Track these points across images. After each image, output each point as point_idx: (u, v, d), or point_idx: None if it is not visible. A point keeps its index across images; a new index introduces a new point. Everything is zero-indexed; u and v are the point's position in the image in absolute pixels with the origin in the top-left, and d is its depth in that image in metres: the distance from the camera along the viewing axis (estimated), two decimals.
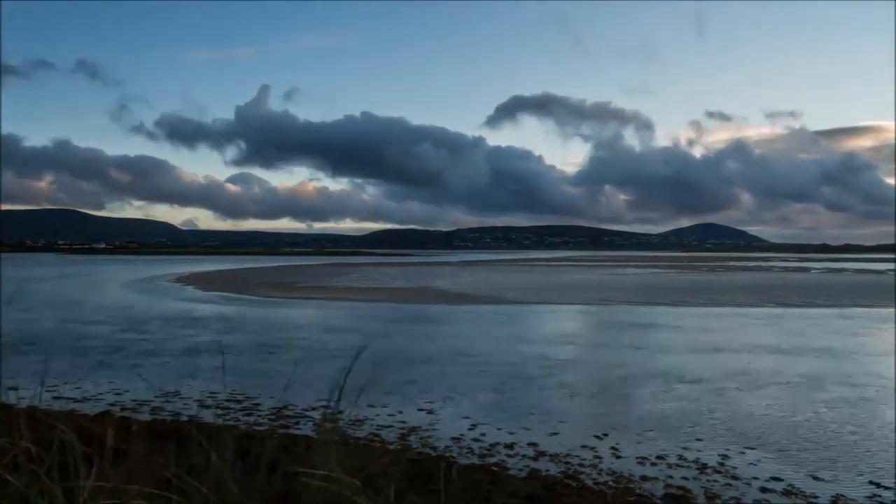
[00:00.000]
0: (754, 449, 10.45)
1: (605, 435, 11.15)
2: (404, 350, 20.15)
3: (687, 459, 9.89)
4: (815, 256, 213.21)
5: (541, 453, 10.17)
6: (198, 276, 67.63)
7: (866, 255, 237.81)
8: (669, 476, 9.17)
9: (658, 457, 9.99)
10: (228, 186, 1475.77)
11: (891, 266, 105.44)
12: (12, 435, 3.23)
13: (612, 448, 10.42)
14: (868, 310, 33.82)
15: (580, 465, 9.66)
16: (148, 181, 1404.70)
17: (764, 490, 8.71)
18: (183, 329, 24.96)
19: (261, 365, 17.48)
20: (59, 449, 3.15)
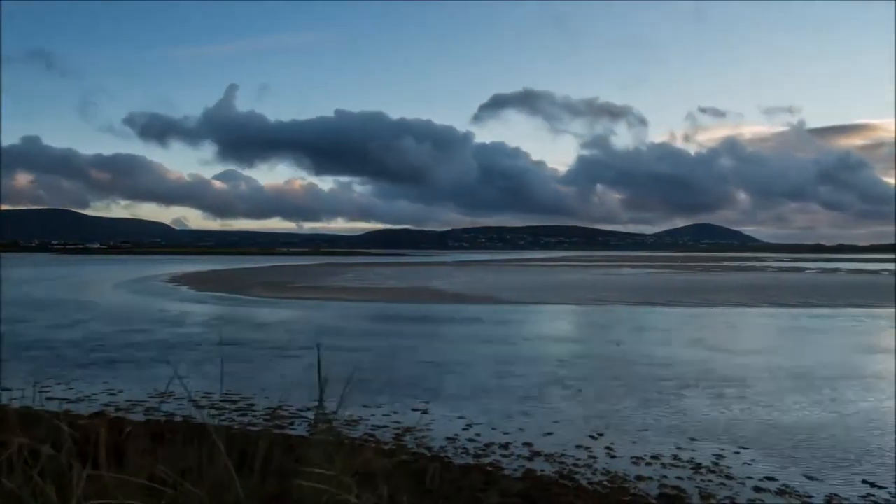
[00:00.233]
0: (748, 449, 10.47)
1: (600, 435, 11.16)
2: (399, 350, 20.14)
3: (681, 459, 9.91)
4: (809, 256, 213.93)
5: (536, 453, 10.18)
6: (193, 277, 67.48)
7: (860, 256, 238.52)
8: (664, 476, 9.19)
9: (653, 457, 10.01)
10: (215, 184, 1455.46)
11: (885, 266, 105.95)
12: (5, 435, 3.22)
13: (606, 448, 10.43)
14: (862, 310, 33.93)
15: (575, 465, 9.67)
16: (129, 179, 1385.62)
17: (758, 490, 8.73)
18: (177, 329, 24.90)
19: (255, 365, 17.45)
20: (52, 450, 3.14)
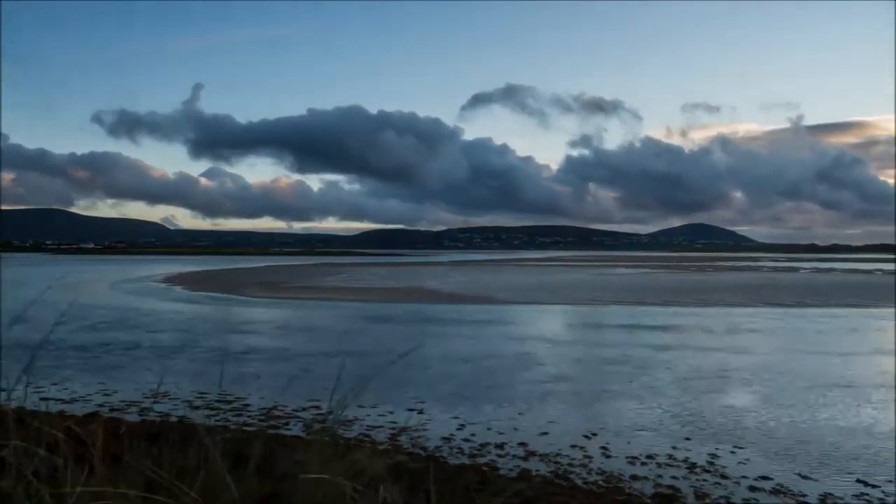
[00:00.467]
0: (743, 448, 10.50)
1: (595, 434, 11.18)
2: (394, 350, 20.12)
3: (676, 459, 9.93)
4: (803, 256, 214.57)
5: (531, 453, 10.19)
6: (188, 277, 67.31)
7: (854, 256, 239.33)
8: (659, 476, 9.20)
9: (648, 456, 10.03)
10: (201, 182, 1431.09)
11: (878, 266, 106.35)
12: (0, 436, 3.20)
13: (601, 448, 10.45)
14: (856, 309, 34.03)
15: (570, 464, 9.68)
16: (110, 177, 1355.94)
17: (753, 489, 8.76)
18: (172, 330, 24.84)
19: (250, 366, 17.42)
20: (46, 450, 3.12)
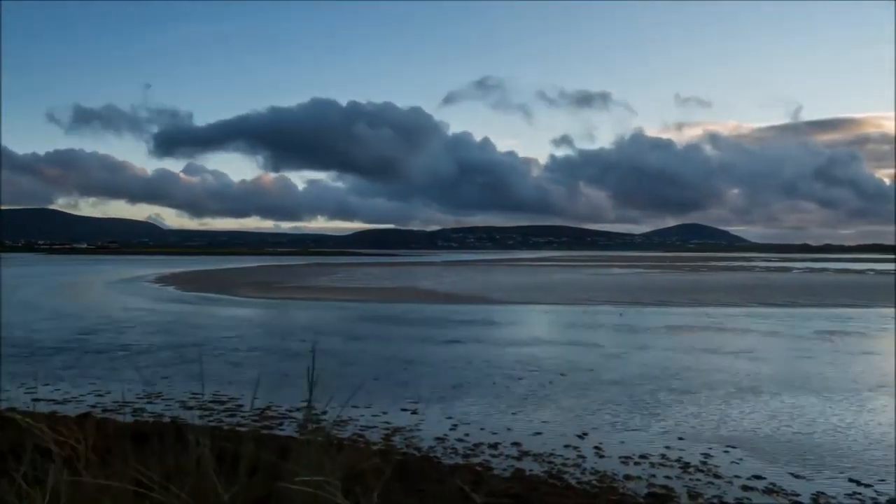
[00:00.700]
0: (736, 448, 10.53)
1: (588, 434, 11.20)
2: (389, 350, 20.11)
3: (670, 458, 9.95)
4: (796, 256, 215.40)
5: (525, 453, 10.19)
6: (181, 277, 67.13)
7: (847, 255, 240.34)
8: (653, 475, 9.22)
9: (641, 456, 10.05)
10: (182, 178, 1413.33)
11: (870, 266, 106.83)
12: None
13: (595, 448, 10.46)
14: (849, 310, 34.16)
15: (564, 464, 9.69)
16: (85, 175, 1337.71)
17: (746, 488, 8.78)
18: (166, 330, 24.76)
19: (244, 366, 17.38)
20: (37, 452, 3.11)
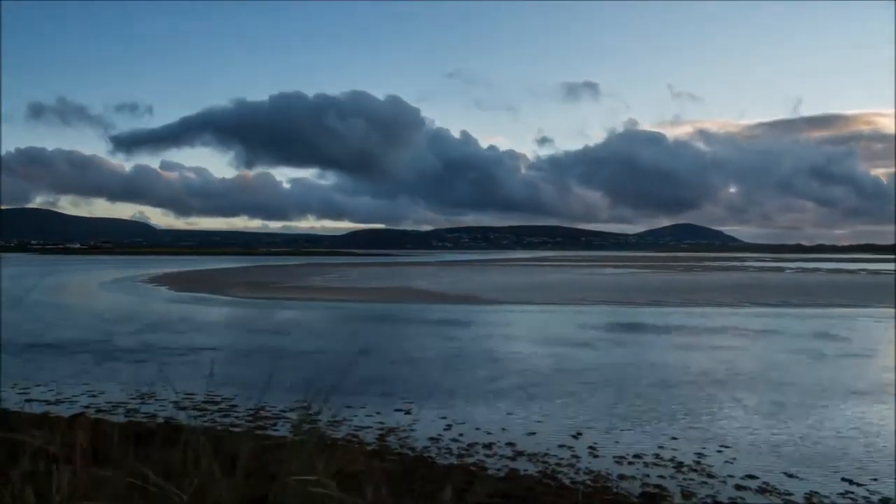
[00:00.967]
0: (730, 447, 10.57)
1: (582, 434, 11.22)
2: (383, 350, 20.11)
3: (663, 458, 9.98)
4: (789, 256, 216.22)
5: (519, 453, 10.21)
6: (175, 277, 66.94)
7: (840, 256, 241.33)
8: (646, 475, 9.25)
9: (635, 456, 10.08)
10: (163, 175, 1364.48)
11: (862, 266, 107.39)
12: None
13: (589, 447, 10.48)
14: (843, 309, 34.31)
15: (558, 464, 9.71)
16: (57, 173, 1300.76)
17: (739, 488, 8.82)
18: (160, 330, 24.71)
19: (238, 366, 17.36)
20: (31, 452, 3.10)
